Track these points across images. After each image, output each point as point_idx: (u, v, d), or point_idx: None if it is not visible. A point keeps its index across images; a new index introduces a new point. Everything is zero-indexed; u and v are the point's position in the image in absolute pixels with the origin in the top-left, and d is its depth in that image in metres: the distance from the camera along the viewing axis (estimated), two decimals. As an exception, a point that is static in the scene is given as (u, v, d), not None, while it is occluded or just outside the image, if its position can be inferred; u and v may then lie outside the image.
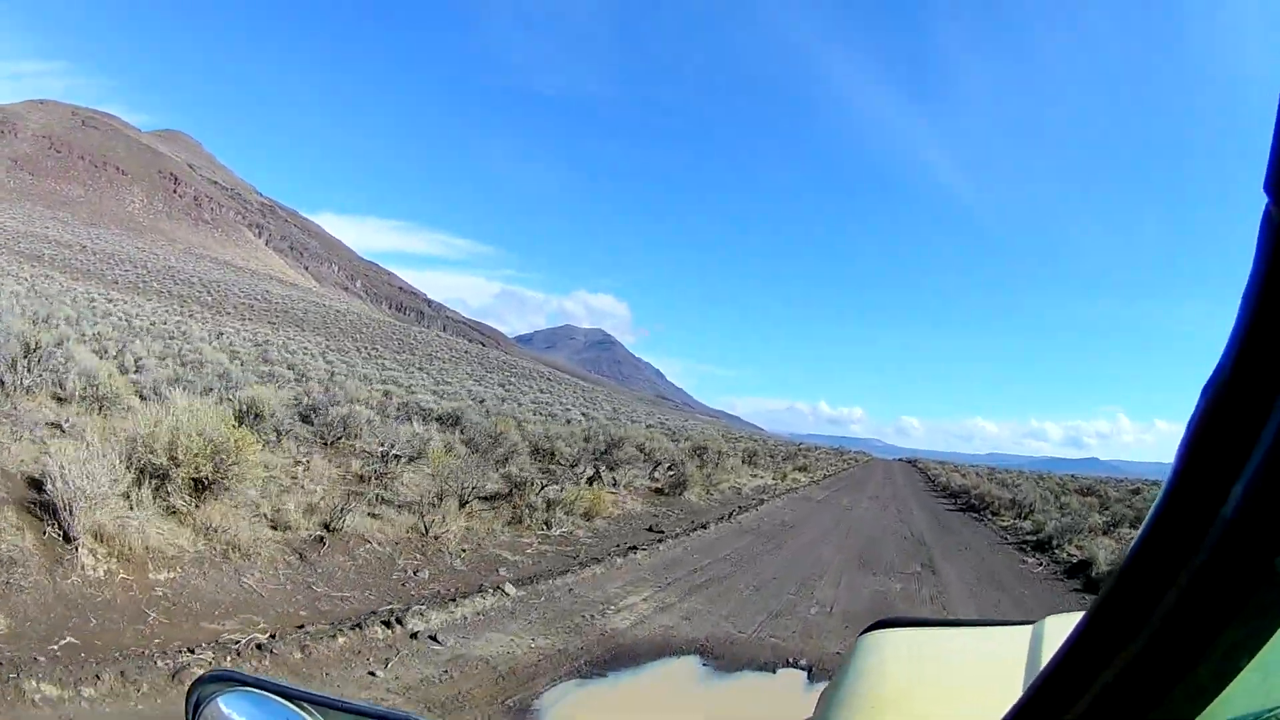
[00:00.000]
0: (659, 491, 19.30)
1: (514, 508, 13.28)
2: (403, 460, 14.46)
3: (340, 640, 6.79)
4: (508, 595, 8.92)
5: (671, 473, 20.75)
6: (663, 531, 14.57)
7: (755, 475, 30.76)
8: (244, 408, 15.24)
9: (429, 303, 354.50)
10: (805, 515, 20.82)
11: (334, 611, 7.70)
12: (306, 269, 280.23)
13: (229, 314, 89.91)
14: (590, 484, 16.81)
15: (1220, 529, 0.57)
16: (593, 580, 10.36)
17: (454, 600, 8.40)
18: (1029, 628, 1.69)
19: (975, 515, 26.38)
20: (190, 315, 73.59)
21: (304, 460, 13.48)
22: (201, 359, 26.97)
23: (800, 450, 59.71)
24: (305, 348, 65.58)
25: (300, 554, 8.95)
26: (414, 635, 7.25)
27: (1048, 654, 1.08)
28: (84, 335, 28.16)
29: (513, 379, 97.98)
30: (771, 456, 45.62)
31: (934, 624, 1.99)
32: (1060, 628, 1.57)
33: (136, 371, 18.24)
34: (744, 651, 8.00)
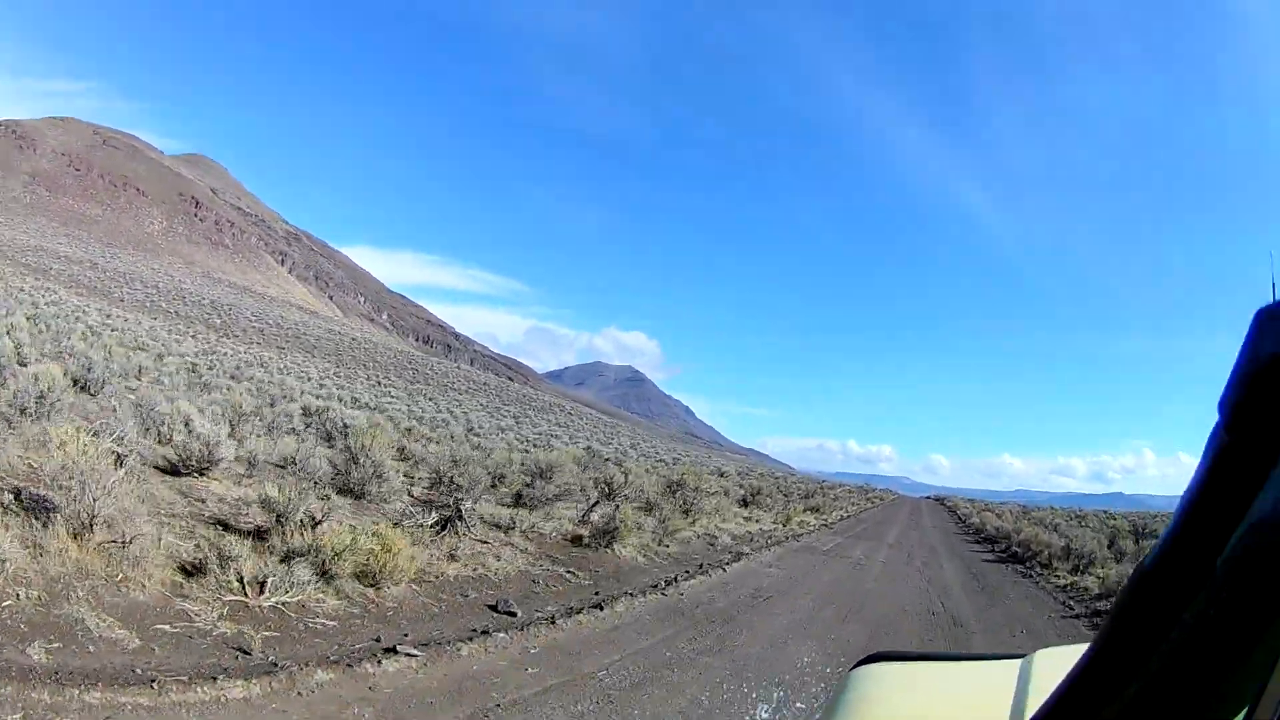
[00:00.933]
0: (576, 541, 13.30)
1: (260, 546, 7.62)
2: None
3: None
4: None
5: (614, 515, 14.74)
6: (514, 613, 8.64)
7: (749, 519, 24.54)
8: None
9: (456, 336, 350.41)
10: (796, 577, 14.69)
11: None
12: (331, 299, 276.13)
13: (235, 337, 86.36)
14: (444, 527, 10.93)
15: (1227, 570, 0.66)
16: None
17: None
18: (1018, 662, 1.70)
19: (1020, 569, 20.01)
20: (193, 335, 69.83)
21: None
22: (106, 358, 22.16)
23: (821, 488, 53.15)
24: (306, 373, 61.16)
25: None
26: None
27: (1035, 688, 1.45)
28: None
29: (530, 412, 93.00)
30: (785, 495, 39.39)
31: (925, 658, 1.90)
32: (1049, 662, 1.62)
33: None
34: None
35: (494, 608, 8.89)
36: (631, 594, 10.44)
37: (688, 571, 13.09)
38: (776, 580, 13.93)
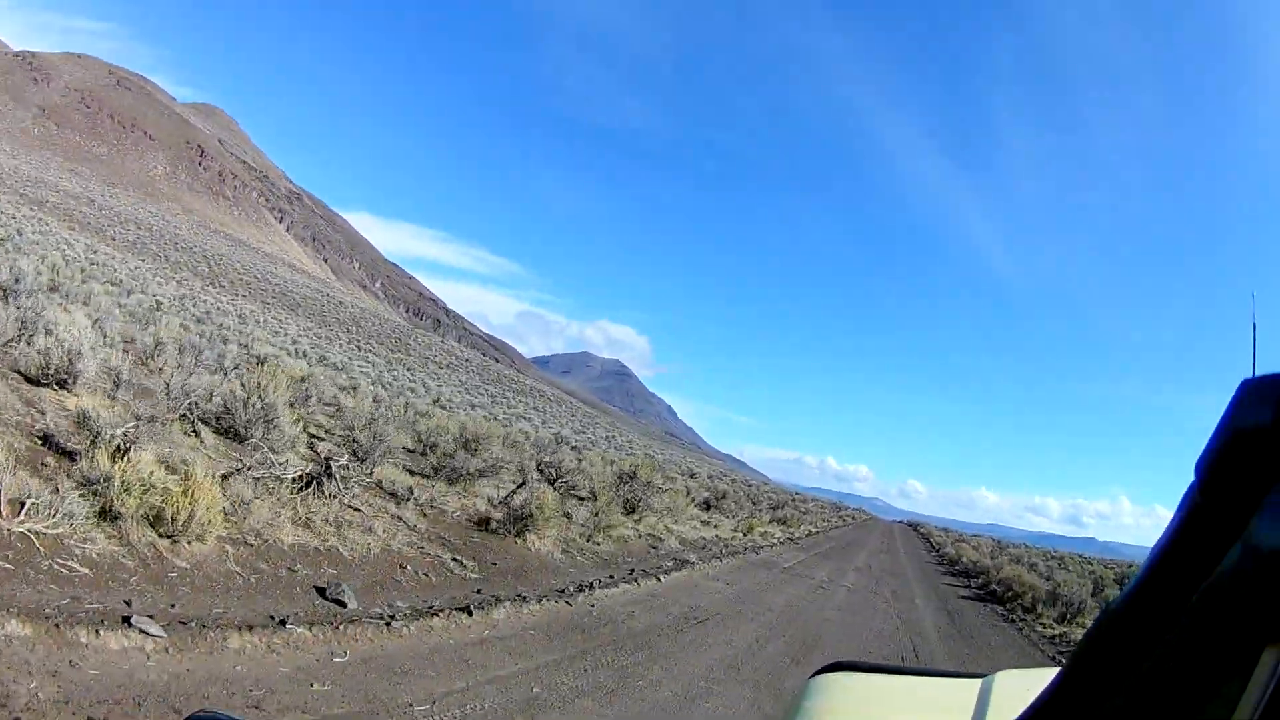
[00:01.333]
0: (483, 524, 10.97)
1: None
2: None
3: None
4: None
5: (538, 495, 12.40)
6: (344, 603, 6.43)
7: (707, 523, 22.27)
8: None
9: (447, 312, 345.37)
10: (745, 596, 12.45)
11: None
12: (325, 261, 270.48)
13: (221, 287, 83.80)
14: (308, 485, 8.64)
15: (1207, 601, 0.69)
16: None
17: None
18: (978, 681, 1.69)
19: (1001, 610, 17.88)
20: (177, 280, 67.42)
21: None
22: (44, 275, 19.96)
23: (793, 500, 51.00)
24: (284, 328, 58.92)
25: None
26: None
27: (995, 709, 1.48)
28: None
29: (508, 393, 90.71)
30: (754, 503, 37.29)
31: (886, 670, 1.93)
32: (1009, 683, 1.63)
33: None
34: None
35: (322, 591, 6.63)
36: (524, 598, 8.14)
37: (612, 576, 10.82)
38: (721, 599, 11.67)
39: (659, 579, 11.73)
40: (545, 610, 8.05)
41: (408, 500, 10.44)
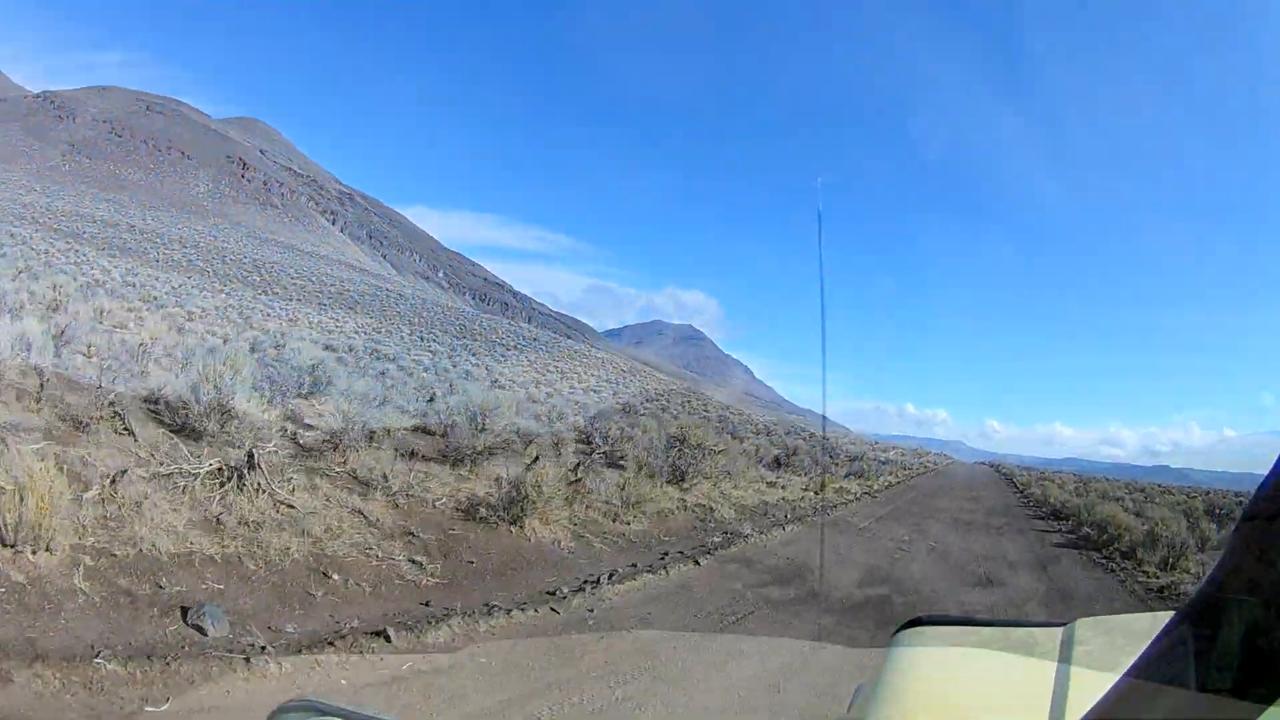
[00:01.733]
0: (471, 512, 9.08)
1: None
2: None
3: None
4: None
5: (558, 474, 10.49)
6: (204, 630, 4.78)
7: (774, 484, 20.10)
8: None
9: (514, 294, 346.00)
10: (806, 572, 10.31)
11: None
12: (384, 257, 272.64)
13: (275, 294, 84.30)
14: (229, 480, 6.91)
15: None
16: None
17: None
18: (1059, 629, 1.70)
19: (1098, 557, 15.21)
20: (225, 292, 67.90)
21: None
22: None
23: (872, 449, 48.32)
24: (340, 327, 58.78)
25: None
26: None
27: (1078, 656, 1.49)
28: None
29: (578, 368, 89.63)
30: (830, 456, 34.96)
31: (968, 623, 1.98)
32: (1090, 631, 1.66)
33: None
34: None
35: (185, 613, 4.87)
36: (491, 608, 6.22)
37: (634, 565, 8.84)
38: (773, 580, 9.58)
39: (697, 562, 9.70)
40: (515, 624, 6.11)
41: (375, 488, 8.65)
